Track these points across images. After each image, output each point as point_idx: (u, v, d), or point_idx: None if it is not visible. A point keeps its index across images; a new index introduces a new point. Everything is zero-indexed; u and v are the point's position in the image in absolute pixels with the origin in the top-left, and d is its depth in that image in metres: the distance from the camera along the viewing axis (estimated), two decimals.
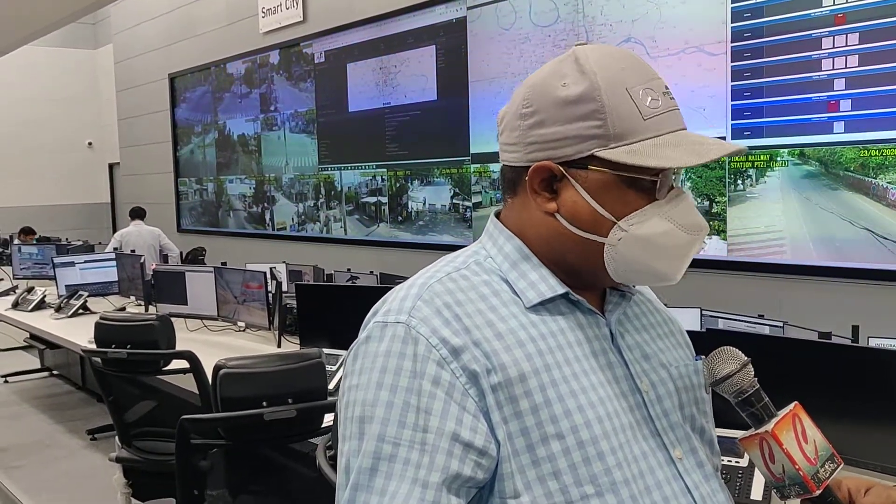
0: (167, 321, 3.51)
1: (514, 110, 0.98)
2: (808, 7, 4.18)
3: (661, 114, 0.93)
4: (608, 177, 0.93)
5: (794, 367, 2.14)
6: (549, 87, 0.95)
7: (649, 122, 0.92)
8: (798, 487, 0.96)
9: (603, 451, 0.90)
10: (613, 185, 0.93)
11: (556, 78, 0.95)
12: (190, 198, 10.56)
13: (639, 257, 0.94)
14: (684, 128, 0.95)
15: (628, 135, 0.91)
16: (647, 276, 0.97)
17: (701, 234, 0.97)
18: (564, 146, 0.93)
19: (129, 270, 5.97)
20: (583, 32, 5.32)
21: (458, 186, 6.46)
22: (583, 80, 0.93)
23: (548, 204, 0.96)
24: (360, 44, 7.37)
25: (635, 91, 0.92)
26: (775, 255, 4.39)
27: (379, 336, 0.92)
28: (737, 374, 0.98)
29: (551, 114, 0.94)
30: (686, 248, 0.96)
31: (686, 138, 0.93)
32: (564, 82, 0.94)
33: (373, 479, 0.87)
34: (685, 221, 0.95)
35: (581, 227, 0.95)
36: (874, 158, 3.98)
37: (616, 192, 0.93)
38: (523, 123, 0.96)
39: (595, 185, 0.94)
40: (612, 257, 0.94)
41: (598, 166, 0.93)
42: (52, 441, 5.46)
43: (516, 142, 0.97)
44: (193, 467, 2.56)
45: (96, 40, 14.03)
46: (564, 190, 0.95)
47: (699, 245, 0.97)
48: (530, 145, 0.95)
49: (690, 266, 0.99)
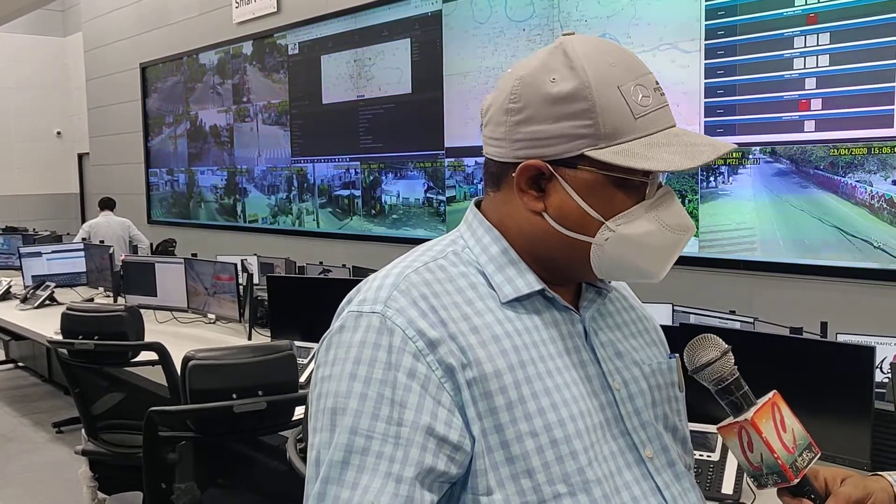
0: (136, 312, 3.47)
1: (501, 103, 0.95)
2: (780, 6, 4.22)
3: (652, 111, 0.91)
4: (597, 177, 0.91)
5: (765, 361, 2.16)
6: (538, 82, 0.92)
7: (640, 121, 0.90)
8: (776, 476, 0.96)
9: (576, 450, 0.90)
10: (602, 184, 0.92)
11: (544, 72, 0.92)
12: (161, 189, 10.44)
13: (625, 256, 0.93)
14: (674, 124, 0.94)
15: (619, 134, 0.90)
16: (631, 273, 0.97)
17: (687, 234, 0.96)
18: (553, 144, 0.91)
19: (98, 261, 5.90)
20: (558, 28, 5.33)
21: (432, 180, 6.44)
22: (572, 76, 0.90)
23: (535, 203, 0.94)
24: (334, 35, 7.32)
25: (626, 88, 0.90)
26: (746, 252, 4.43)
27: (353, 326, 0.91)
28: (717, 362, 0.98)
29: (540, 111, 0.91)
30: (672, 249, 0.95)
31: (677, 137, 0.92)
32: (553, 78, 0.91)
33: (344, 473, 0.85)
34: (672, 222, 0.94)
35: (568, 226, 0.93)
36: (843, 157, 4.03)
37: (605, 192, 0.92)
38: (510, 119, 0.94)
39: (583, 184, 0.92)
40: (599, 256, 0.94)
41: (587, 166, 0.91)
42: (17, 434, 5.37)
43: (502, 137, 0.95)
44: (161, 460, 2.53)
45: (65, 28, 13.82)
46: (552, 189, 0.93)
47: (684, 245, 0.96)
48: (517, 142, 0.93)
49: None
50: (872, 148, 3.92)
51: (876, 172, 3.91)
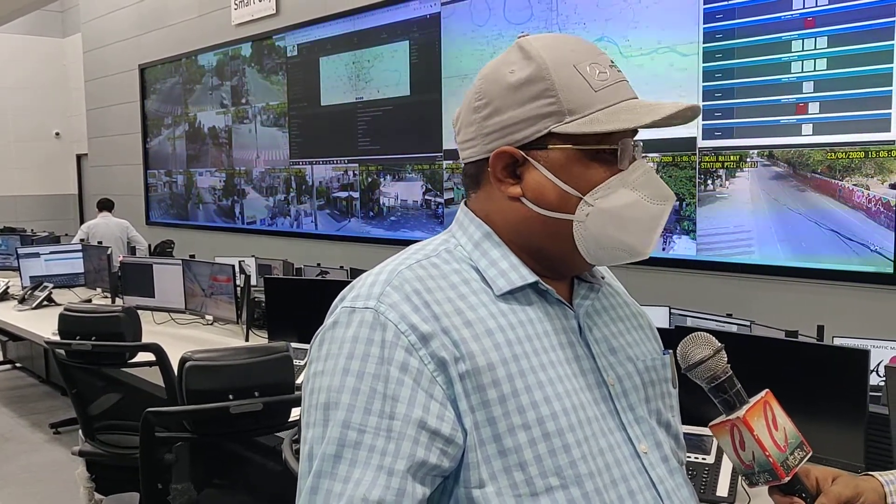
0: (133, 313, 3.47)
1: (467, 106, 0.99)
2: (778, 10, 4.23)
3: (611, 84, 0.94)
4: (569, 152, 0.93)
5: (761, 364, 2.16)
6: (498, 76, 0.97)
7: (600, 94, 0.93)
8: (767, 474, 0.96)
9: (568, 444, 0.90)
10: (575, 160, 0.94)
11: (503, 66, 0.97)
12: (159, 190, 10.44)
13: (608, 231, 0.94)
14: (636, 96, 0.96)
15: (582, 108, 0.92)
16: (618, 251, 0.96)
17: (668, 204, 0.97)
18: (521, 129, 0.94)
19: (96, 262, 5.90)
20: (556, 30, 5.33)
21: (431, 182, 6.45)
22: (529, 64, 0.94)
23: (512, 189, 0.96)
24: (333, 38, 7.32)
25: (582, 66, 0.94)
26: (744, 255, 4.44)
27: (346, 321, 0.91)
28: (710, 360, 0.99)
29: (504, 100, 0.95)
30: (654, 220, 0.96)
31: (639, 104, 0.95)
32: (512, 69, 0.96)
33: (337, 466, 0.85)
34: (650, 191, 0.95)
35: (548, 207, 0.95)
36: (841, 161, 4.03)
37: (578, 167, 0.94)
38: (478, 116, 0.97)
39: (556, 163, 0.94)
40: (582, 235, 0.94)
41: (557, 143, 0.93)
42: (14, 435, 5.37)
43: (474, 136, 0.98)
44: (158, 461, 2.53)
45: (64, 29, 13.82)
46: (527, 173, 0.95)
47: (666, 216, 0.97)
48: (488, 136, 0.96)
49: (659, 265, 0.99)
50: (870, 151, 3.93)
51: (873, 176, 3.92)
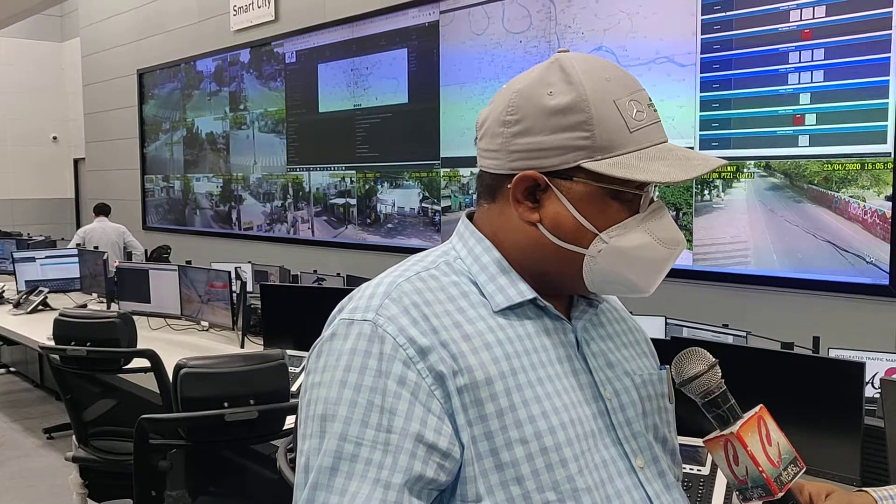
0: (129, 319, 3.46)
1: (497, 115, 0.96)
2: (775, 22, 4.25)
3: (646, 126, 0.93)
4: (592, 189, 0.92)
5: (756, 376, 2.16)
6: (536, 95, 0.93)
7: (635, 135, 0.92)
8: (760, 490, 0.97)
9: (566, 458, 0.90)
10: (597, 196, 0.93)
11: (542, 86, 0.93)
12: (156, 195, 10.43)
13: (617, 269, 0.94)
14: (667, 140, 0.95)
15: (614, 147, 0.91)
16: (622, 287, 0.97)
17: (678, 249, 0.97)
18: (550, 156, 0.93)
19: (92, 267, 5.89)
20: (555, 40, 5.35)
21: (428, 190, 6.45)
22: (570, 90, 0.92)
23: (530, 214, 0.95)
24: (331, 44, 7.33)
25: (622, 103, 0.92)
26: (740, 266, 4.44)
27: (344, 333, 0.91)
28: (704, 375, 0.99)
29: (537, 122, 0.93)
30: (663, 263, 0.96)
31: (670, 152, 0.93)
32: (551, 91, 0.93)
33: (333, 479, 0.85)
34: (664, 236, 0.95)
35: (563, 237, 0.94)
36: (837, 172, 4.04)
37: (599, 204, 0.93)
38: (507, 130, 0.95)
39: (578, 196, 0.93)
40: (591, 268, 0.94)
41: (583, 178, 0.92)
42: (7, 440, 5.35)
43: (498, 148, 0.96)
44: (152, 468, 2.53)
45: (63, 33, 13.82)
46: (547, 200, 0.94)
47: (674, 260, 0.97)
48: (513, 153, 0.94)
49: None
50: (866, 163, 3.94)
51: (869, 188, 3.93)
